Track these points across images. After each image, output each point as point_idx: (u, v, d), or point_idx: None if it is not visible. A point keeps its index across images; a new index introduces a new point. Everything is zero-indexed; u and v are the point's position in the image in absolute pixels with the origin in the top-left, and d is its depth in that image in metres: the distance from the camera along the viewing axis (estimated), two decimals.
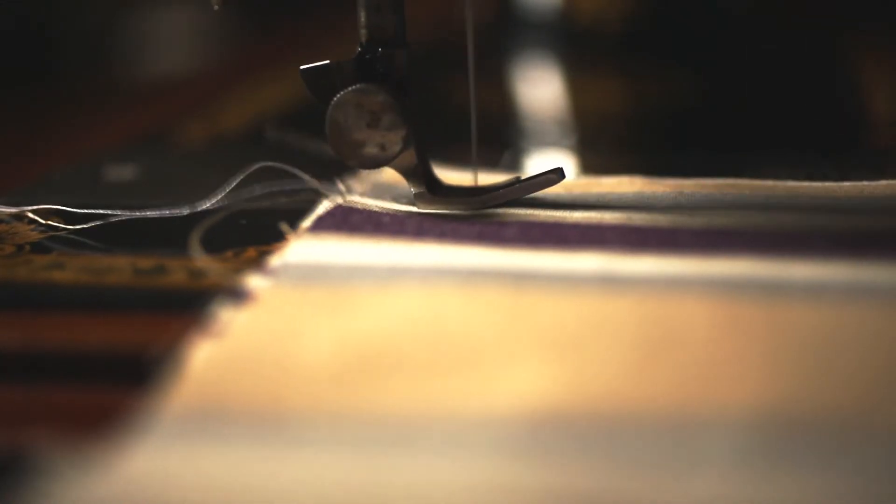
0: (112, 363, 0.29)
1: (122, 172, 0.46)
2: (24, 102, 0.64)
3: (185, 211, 0.38)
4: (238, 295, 0.30)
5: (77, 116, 0.62)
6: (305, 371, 0.26)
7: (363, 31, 0.37)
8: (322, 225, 0.36)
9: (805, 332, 0.28)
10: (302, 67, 0.36)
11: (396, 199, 0.39)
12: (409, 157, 0.37)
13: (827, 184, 0.39)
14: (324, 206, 0.37)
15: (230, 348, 0.27)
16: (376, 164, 0.36)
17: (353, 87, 0.36)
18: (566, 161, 0.49)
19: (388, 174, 0.41)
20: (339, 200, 0.38)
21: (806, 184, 0.39)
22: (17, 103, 0.63)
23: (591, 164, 0.49)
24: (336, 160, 0.37)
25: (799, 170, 0.40)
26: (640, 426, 0.24)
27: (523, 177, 0.38)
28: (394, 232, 0.35)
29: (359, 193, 0.39)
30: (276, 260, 0.33)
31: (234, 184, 0.39)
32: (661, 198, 0.38)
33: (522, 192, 0.38)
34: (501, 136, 0.52)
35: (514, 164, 0.48)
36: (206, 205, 0.38)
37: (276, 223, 0.36)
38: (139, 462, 0.23)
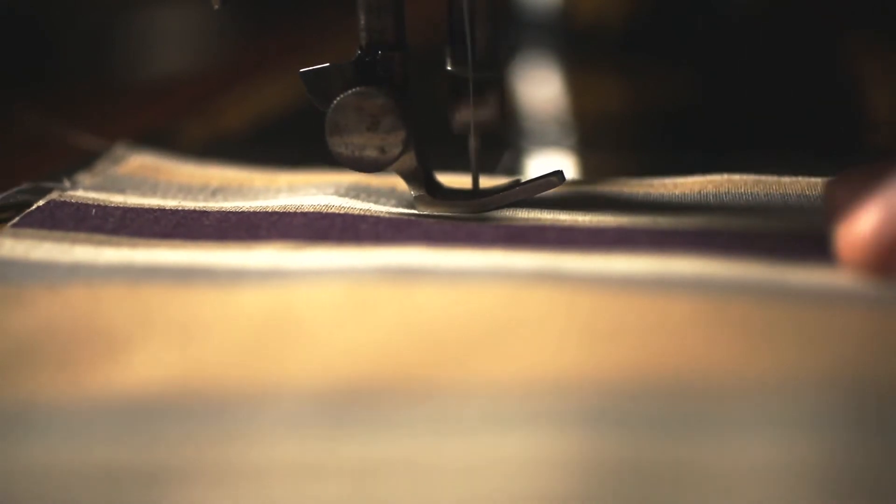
0: None
1: None
2: (25, 102, 0.63)
3: None
4: None
5: (77, 116, 0.62)
6: None
7: (363, 34, 0.37)
8: (25, 222, 0.37)
9: (424, 310, 0.30)
10: (301, 70, 0.36)
11: (128, 189, 0.40)
12: (409, 159, 0.37)
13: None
14: (36, 204, 0.38)
15: None
16: (376, 167, 0.36)
17: (353, 90, 0.36)
18: (566, 161, 0.49)
19: (127, 167, 0.42)
20: (55, 195, 0.39)
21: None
22: (17, 103, 0.63)
23: (591, 164, 0.49)
24: (90, 149, 0.36)
25: (798, 170, 0.40)
26: (232, 402, 0.26)
27: (523, 179, 0.38)
28: (93, 227, 0.36)
29: (84, 187, 0.40)
30: None
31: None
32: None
33: (522, 194, 0.38)
34: (501, 136, 0.52)
35: (514, 164, 0.48)
36: None
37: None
38: None
